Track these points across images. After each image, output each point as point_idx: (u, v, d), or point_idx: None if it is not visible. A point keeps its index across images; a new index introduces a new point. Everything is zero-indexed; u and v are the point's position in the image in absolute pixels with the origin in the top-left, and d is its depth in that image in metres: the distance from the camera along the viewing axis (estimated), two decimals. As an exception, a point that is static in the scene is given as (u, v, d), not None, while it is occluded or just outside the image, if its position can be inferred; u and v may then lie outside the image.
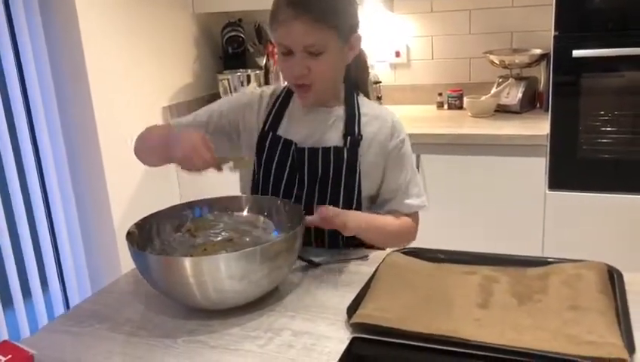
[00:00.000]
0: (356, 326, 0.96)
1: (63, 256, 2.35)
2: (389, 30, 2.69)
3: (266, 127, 1.31)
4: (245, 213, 1.26)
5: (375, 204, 1.34)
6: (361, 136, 1.27)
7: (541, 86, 2.52)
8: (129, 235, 1.11)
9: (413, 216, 1.34)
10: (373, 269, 1.14)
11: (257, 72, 2.70)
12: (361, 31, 1.25)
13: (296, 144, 1.27)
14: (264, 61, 2.76)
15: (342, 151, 1.25)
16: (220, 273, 0.99)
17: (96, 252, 2.39)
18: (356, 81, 1.35)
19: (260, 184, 1.32)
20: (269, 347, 0.96)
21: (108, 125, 2.28)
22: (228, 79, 2.66)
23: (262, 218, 1.24)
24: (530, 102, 2.51)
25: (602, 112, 2.04)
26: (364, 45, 1.30)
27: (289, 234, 1.07)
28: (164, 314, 1.08)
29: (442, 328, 0.91)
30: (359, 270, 1.19)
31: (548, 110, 2.10)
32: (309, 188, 1.27)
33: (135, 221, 1.16)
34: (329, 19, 1.16)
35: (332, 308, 1.05)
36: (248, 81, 2.67)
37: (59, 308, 2.32)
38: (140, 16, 2.43)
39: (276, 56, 2.66)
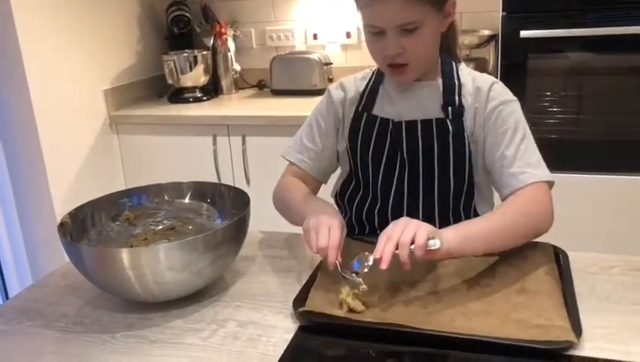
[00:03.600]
0: (303, 316, 0.93)
1: (1, 249, 2.24)
2: (339, 11, 2.65)
3: (360, 109, 1.21)
4: (187, 200, 1.21)
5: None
6: (463, 106, 1.15)
7: (490, 67, 2.54)
8: (61, 226, 1.05)
9: (538, 189, 1.07)
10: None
11: (204, 52, 2.62)
12: None
13: (393, 120, 1.17)
14: (211, 41, 2.68)
15: (445, 122, 1.14)
16: (160, 264, 0.94)
17: (38, 244, 2.28)
18: (445, 45, 1.20)
19: (359, 171, 1.22)
20: (212, 339, 0.92)
21: (46, 110, 2.16)
22: (174, 60, 2.56)
23: (205, 205, 1.20)
24: (480, 84, 2.52)
25: (548, 93, 2.07)
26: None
27: (233, 221, 1.03)
28: (102, 309, 1.03)
29: (391, 317, 0.89)
30: (308, 256, 1.16)
31: (496, 91, 2.11)
32: (412, 166, 1.17)
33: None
34: None
35: (279, 297, 1.02)
36: (195, 62, 2.58)
37: (-3, 303, 2.22)
38: (78, -7, 2.31)
39: (223, 37, 2.62)
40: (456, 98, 1.15)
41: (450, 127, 1.14)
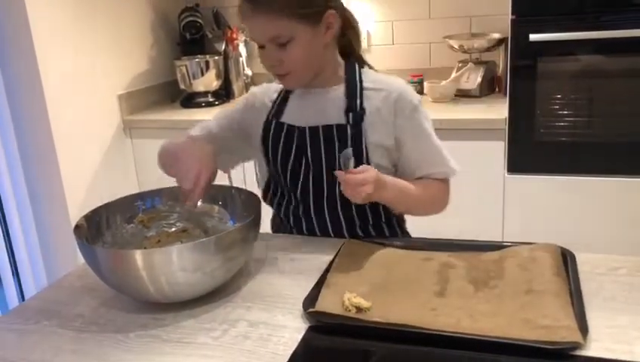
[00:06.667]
0: (313, 316, 0.94)
1: (17, 251, 2.27)
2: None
3: (270, 117, 1.28)
4: (199, 202, 1.23)
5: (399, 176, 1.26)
6: (364, 110, 1.20)
7: (500, 70, 2.54)
8: (77, 228, 1.07)
9: (444, 181, 1.28)
10: (331, 257, 1.13)
11: (216, 57, 2.65)
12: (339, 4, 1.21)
13: (298, 127, 1.23)
14: (223, 47, 2.71)
15: (345, 128, 1.20)
16: (173, 265, 0.96)
17: (53, 246, 2.32)
18: (348, 50, 1.27)
19: (275, 176, 1.29)
20: (223, 339, 0.93)
21: (61, 115, 2.21)
22: (186, 65, 2.60)
23: (217, 207, 1.22)
24: (490, 87, 2.52)
25: (559, 96, 2.07)
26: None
27: (244, 223, 1.05)
28: (116, 309, 1.05)
29: (399, 318, 0.90)
30: (317, 258, 1.17)
31: (506, 94, 2.11)
32: (315, 170, 1.23)
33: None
34: (285, 8, 1.11)
35: (289, 297, 1.03)
36: (207, 68, 2.61)
37: (14, 306, 2.25)
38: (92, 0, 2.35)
39: (235, 42, 2.65)
40: (358, 102, 1.21)
41: (350, 133, 1.19)
